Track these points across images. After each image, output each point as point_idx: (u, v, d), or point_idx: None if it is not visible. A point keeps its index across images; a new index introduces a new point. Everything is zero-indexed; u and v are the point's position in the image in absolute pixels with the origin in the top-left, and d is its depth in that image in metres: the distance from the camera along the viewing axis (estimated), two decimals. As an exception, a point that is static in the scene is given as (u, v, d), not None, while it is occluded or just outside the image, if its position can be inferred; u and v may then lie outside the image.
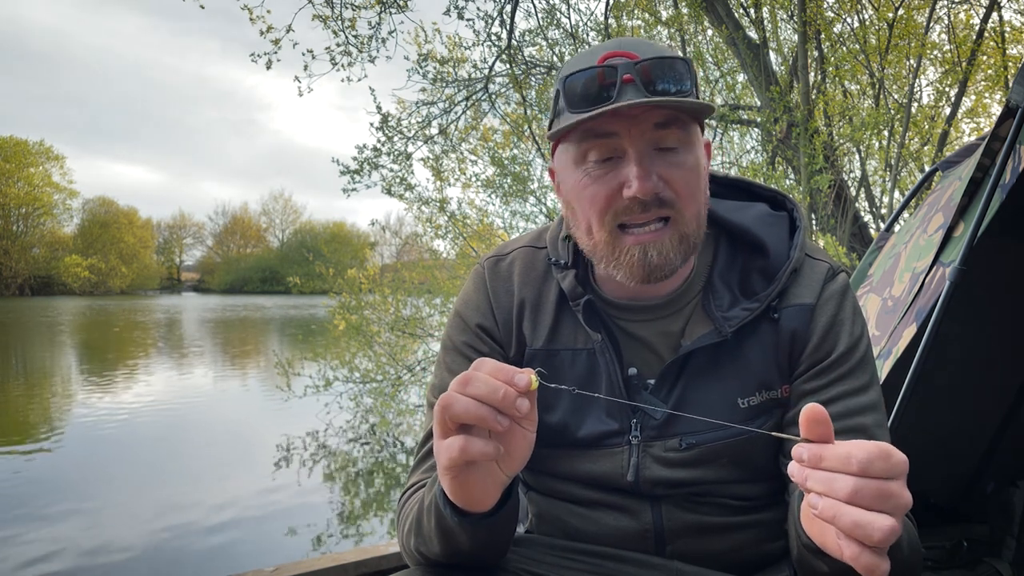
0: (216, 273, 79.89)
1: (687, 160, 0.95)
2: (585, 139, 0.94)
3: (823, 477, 0.66)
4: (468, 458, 0.76)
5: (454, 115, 8.52)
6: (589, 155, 0.95)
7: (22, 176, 59.81)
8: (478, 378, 0.75)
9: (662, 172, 0.93)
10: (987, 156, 1.86)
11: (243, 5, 7.47)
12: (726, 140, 8.76)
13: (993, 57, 8.48)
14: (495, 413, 0.74)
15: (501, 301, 1.10)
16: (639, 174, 0.91)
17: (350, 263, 10.72)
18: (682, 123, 0.93)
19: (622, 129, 0.92)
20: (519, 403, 0.74)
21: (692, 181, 0.95)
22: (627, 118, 0.91)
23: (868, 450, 0.65)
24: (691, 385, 1.03)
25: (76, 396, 10.53)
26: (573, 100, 0.93)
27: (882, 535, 0.64)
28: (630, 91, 0.90)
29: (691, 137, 0.95)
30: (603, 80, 0.91)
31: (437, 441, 0.78)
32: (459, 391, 0.75)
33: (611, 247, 0.96)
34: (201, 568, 4.40)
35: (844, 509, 0.65)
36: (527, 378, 0.75)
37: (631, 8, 8.40)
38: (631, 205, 0.93)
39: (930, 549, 2.36)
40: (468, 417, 0.74)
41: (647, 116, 0.91)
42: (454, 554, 0.91)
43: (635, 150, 0.92)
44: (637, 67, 0.90)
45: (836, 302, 1.04)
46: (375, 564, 2.42)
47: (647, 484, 1.03)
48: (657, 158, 0.93)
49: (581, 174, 0.96)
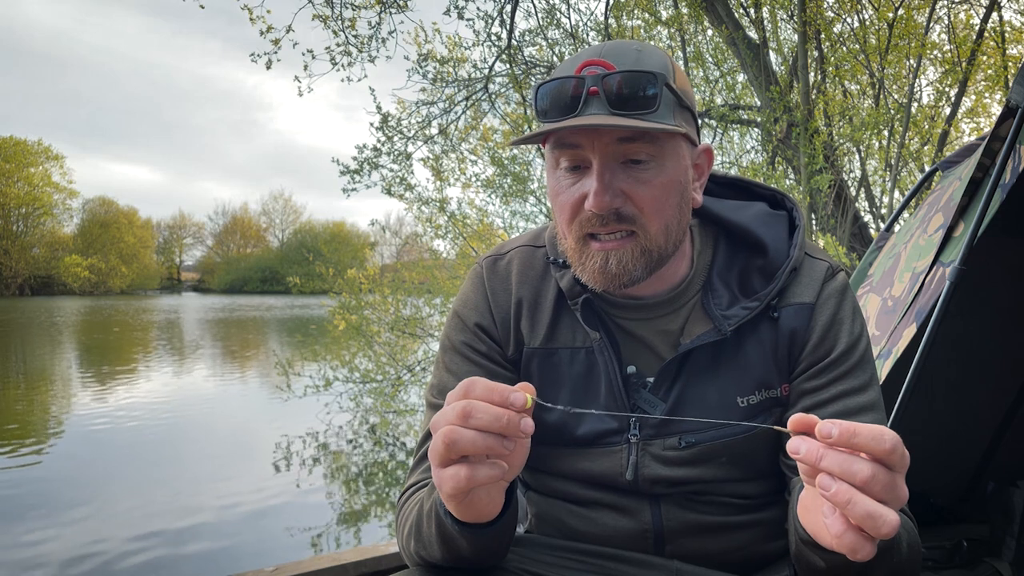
0: (216, 273, 79.89)
1: (655, 175, 0.94)
2: (556, 147, 0.96)
3: (842, 459, 0.66)
4: (475, 485, 0.75)
5: (454, 115, 8.53)
6: (560, 162, 0.96)
7: (22, 176, 59.82)
8: (477, 408, 0.72)
9: (625, 187, 0.93)
10: (987, 156, 1.86)
11: (243, 5, 7.47)
12: (726, 140, 8.76)
13: (993, 57, 8.48)
14: (501, 440, 0.73)
15: (499, 300, 1.10)
16: (596, 189, 0.92)
17: (350, 263, 10.72)
18: (651, 138, 0.92)
19: (585, 142, 0.92)
20: (523, 425, 0.73)
21: (659, 196, 0.94)
22: (591, 131, 0.92)
23: (894, 435, 0.66)
24: (690, 384, 1.03)
25: (75, 396, 10.53)
26: (541, 108, 0.94)
27: (889, 530, 0.65)
28: (595, 104, 0.90)
29: (663, 151, 0.94)
30: (573, 91, 0.91)
31: (437, 470, 0.76)
32: (460, 424, 0.72)
33: (578, 252, 0.98)
34: (201, 568, 4.40)
35: (859, 497, 0.65)
36: (522, 396, 0.73)
37: (631, 8, 8.40)
38: (591, 217, 0.94)
39: (930, 549, 2.36)
40: (475, 450, 0.73)
41: (611, 131, 0.91)
42: (455, 559, 0.91)
43: (597, 164, 0.92)
44: (606, 79, 0.90)
45: (836, 301, 1.04)
46: (375, 564, 2.42)
47: (646, 483, 1.03)
48: (621, 172, 0.93)
49: (556, 179, 0.98)
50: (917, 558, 0.93)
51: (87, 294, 61.40)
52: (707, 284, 1.06)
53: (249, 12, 7.50)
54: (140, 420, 8.77)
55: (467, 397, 0.74)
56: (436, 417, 0.76)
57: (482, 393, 0.74)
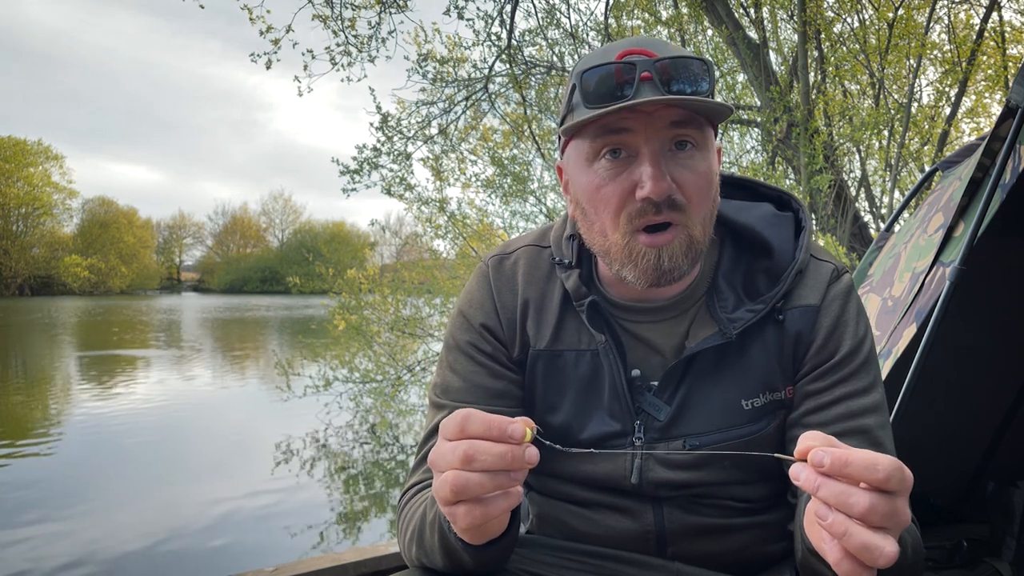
0: (216, 273, 79.91)
1: (700, 163, 0.93)
2: (600, 135, 0.93)
3: (838, 490, 0.65)
4: (490, 519, 0.74)
5: (454, 115, 8.52)
6: (603, 152, 0.93)
7: (22, 176, 59.81)
8: (480, 450, 0.71)
9: (675, 174, 0.92)
10: (987, 156, 1.86)
11: (243, 5, 7.47)
12: (726, 140, 8.76)
13: (993, 57, 8.48)
14: (508, 475, 0.72)
15: (505, 300, 1.09)
16: (653, 175, 0.89)
17: (350, 263, 10.71)
18: (698, 124, 0.92)
19: (638, 126, 0.90)
20: (528, 456, 0.71)
21: (703, 185, 0.93)
22: (643, 115, 0.90)
23: (890, 461, 0.64)
24: (695, 387, 1.02)
25: (75, 396, 10.52)
26: (589, 96, 0.91)
27: (886, 561, 0.64)
28: (648, 88, 0.89)
29: (706, 139, 0.94)
30: (620, 77, 0.89)
31: (448, 506, 0.75)
32: (465, 468, 0.71)
33: (626, 249, 0.94)
34: (201, 568, 4.40)
35: (855, 529, 0.64)
36: (521, 428, 0.71)
37: (631, 8, 8.40)
38: (644, 207, 0.91)
39: (930, 549, 2.36)
40: (484, 491, 0.72)
41: (663, 114, 0.90)
42: (458, 568, 0.91)
43: (649, 149, 0.90)
44: (656, 65, 0.89)
45: (840, 303, 1.03)
46: (374, 564, 2.42)
47: (650, 486, 1.03)
48: (671, 159, 0.92)
49: (593, 173, 0.95)
50: (920, 560, 0.93)
51: (87, 294, 61.37)
52: (712, 286, 1.05)
53: (249, 12, 7.50)
54: (139, 420, 8.77)
55: (465, 434, 0.72)
56: (435, 457, 0.74)
57: (480, 429, 0.72)
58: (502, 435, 0.71)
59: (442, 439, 0.75)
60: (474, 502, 0.73)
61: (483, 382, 1.06)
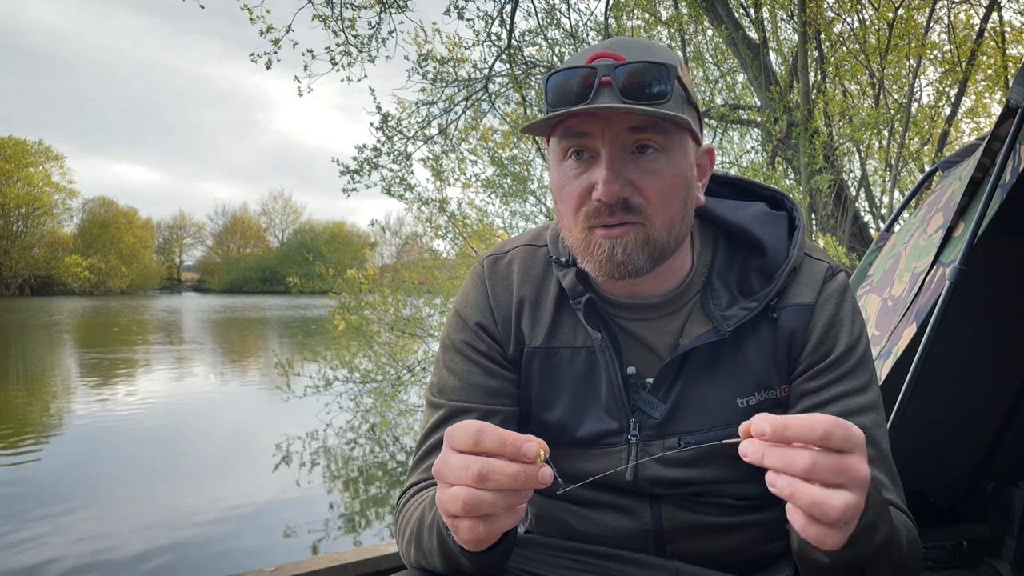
0: (216, 273, 79.93)
1: (665, 167, 0.94)
2: (564, 137, 0.96)
3: (780, 453, 0.67)
4: (495, 536, 0.75)
5: (454, 115, 8.52)
6: (569, 152, 0.96)
7: (22, 176, 59.84)
8: (494, 469, 0.71)
9: (633, 177, 0.93)
10: (987, 156, 1.86)
11: (243, 5, 7.48)
12: (726, 140, 8.76)
13: (993, 57, 8.48)
14: (519, 494, 0.73)
15: (500, 299, 1.10)
16: (606, 178, 0.91)
17: (350, 263, 10.71)
18: (661, 128, 0.93)
19: (596, 130, 0.92)
20: (541, 476, 0.71)
21: (665, 188, 0.94)
22: (602, 119, 0.92)
23: (828, 419, 0.67)
24: (690, 384, 1.03)
25: (75, 396, 10.53)
26: (551, 98, 0.94)
27: (838, 513, 0.65)
28: (607, 94, 0.91)
29: (672, 143, 0.94)
30: (584, 81, 0.91)
31: (454, 520, 0.75)
32: (479, 486, 0.71)
33: (584, 243, 0.97)
34: (201, 568, 4.40)
35: (801, 486, 0.66)
36: (535, 447, 0.71)
37: (631, 8, 8.41)
38: (599, 207, 0.93)
39: (930, 549, 2.36)
40: (495, 510, 0.72)
41: (622, 119, 0.91)
42: (456, 571, 0.91)
43: (606, 152, 0.92)
44: (618, 70, 0.90)
45: (835, 302, 1.04)
46: (374, 564, 2.42)
47: (646, 483, 1.03)
48: (630, 162, 0.93)
49: (561, 171, 0.97)
50: (918, 556, 0.93)
51: (87, 294, 61.39)
52: (707, 284, 1.06)
53: (249, 12, 7.50)
54: (139, 420, 8.77)
55: (478, 448, 0.72)
56: (442, 467, 0.74)
57: (494, 446, 0.72)
58: (516, 453, 0.71)
59: (450, 449, 0.74)
60: (480, 518, 0.73)
61: (479, 381, 1.07)
